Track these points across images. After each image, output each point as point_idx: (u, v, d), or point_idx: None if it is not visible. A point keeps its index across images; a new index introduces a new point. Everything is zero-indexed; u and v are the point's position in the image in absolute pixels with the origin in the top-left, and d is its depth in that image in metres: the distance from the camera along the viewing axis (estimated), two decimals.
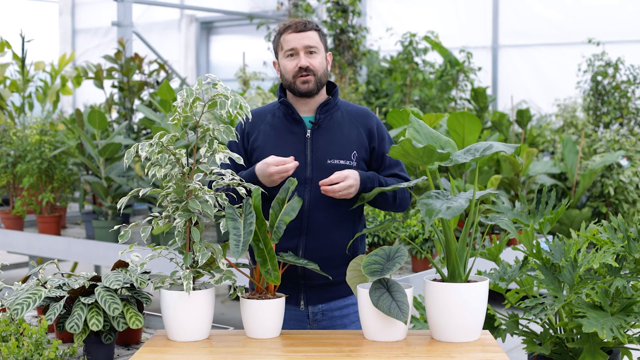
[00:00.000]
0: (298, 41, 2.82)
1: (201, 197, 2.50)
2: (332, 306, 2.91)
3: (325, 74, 2.88)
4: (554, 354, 2.91)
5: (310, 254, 2.82)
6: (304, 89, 2.84)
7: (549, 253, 2.84)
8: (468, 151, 2.57)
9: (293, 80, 2.84)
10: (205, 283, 2.59)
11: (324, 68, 2.87)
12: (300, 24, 2.84)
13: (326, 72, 2.88)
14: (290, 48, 2.83)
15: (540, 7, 9.78)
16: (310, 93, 2.85)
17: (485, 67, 9.78)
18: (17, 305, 2.40)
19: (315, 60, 2.84)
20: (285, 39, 2.85)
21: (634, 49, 8.68)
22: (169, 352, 2.42)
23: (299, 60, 2.82)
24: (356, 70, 8.18)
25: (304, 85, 2.83)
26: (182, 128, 2.57)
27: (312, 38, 2.84)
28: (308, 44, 2.83)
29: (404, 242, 4.62)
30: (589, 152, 6.81)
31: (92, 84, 7.01)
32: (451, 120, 5.00)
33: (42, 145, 5.87)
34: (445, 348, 2.43)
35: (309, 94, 2.85)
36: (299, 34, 2.83)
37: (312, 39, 2.84)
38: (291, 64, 2.84)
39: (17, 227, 6.11)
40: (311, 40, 2.83)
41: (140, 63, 6.81)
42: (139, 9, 12.49)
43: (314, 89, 2.84)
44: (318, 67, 2.84)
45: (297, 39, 2.83)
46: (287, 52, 2.84)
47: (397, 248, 2.56)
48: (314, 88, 2.84)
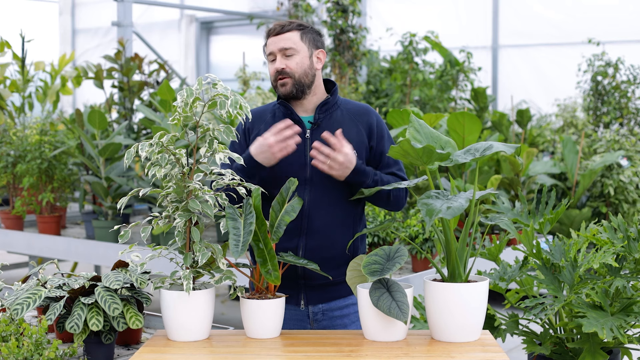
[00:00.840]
0: (275, 44, 2.83)
1: (201, 197, 2.50)
2: (333, 306, 2.91)
3: (308, 74, 2.83)
4: (554, 354, 2.91)
5: (310, 253, 2.82)
6: (282, 91, 2.83)
7: (549, 253, 2.84)
8: (468, 151, 2.57)
9: (275, 84, 2.86)
10: (205, 283, 2.59)
11: (304, 68, 2.82)
12: (277, 27, 2.83)
13: (310, 71, 2.84)
14: (269, 52, 2.85)
15: (540, 7, 9.78)
16: (289, 95, 2.83)
17: (485, 67, 9.78)
18: (17, 305, 2.40)
19: (291, 62, 2.81)
20: (267, 43, 2.87)
21: (634, 49, 8.68)
22: (169, 352, 2.42)
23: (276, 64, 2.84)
24: (356, 70, 8.18)
25: (282, 89, 2.83)
26: (182, 128, 2.57)
27: (289, 39, 2.81)
28: (283, 46, 2.81)
29: (404, 242, 4.62)
30: (589, 152, 6.81)
31: (92, 84, 7.01)
32: (451, 120, 5.00)
33: (42, 145, 5.87)
34: (445, 348, 2.43)
35: (288, 96, 2.84)
36: (276, 37, 2.83)
37: (290, 39, 2.82)
38: (271, 68, 2.86)
39: (17, 227, 6.11)
40: (287, 42, 2.81)
41: (140, 63, 6.81)
42: (139, 9, 12.49)
43: (292, 91, 2.82)
44: (295, 68, 2.81)
45: (274, 42, 2.83)
46: (269, 57, 2.87)
47: (397, 248, 2.56)
48: (292, 90, 2.82)
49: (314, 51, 2.86)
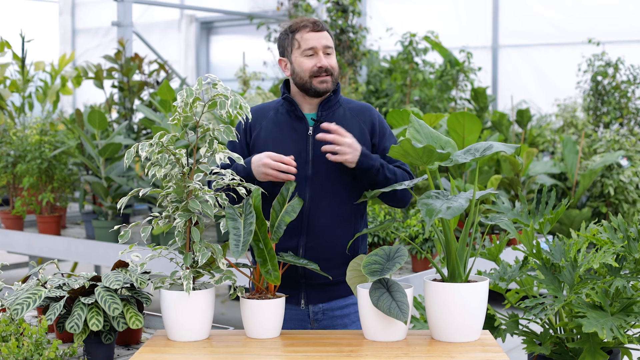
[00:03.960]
0: (317, 40, 2.82)
1: (201, 197, 2.50)
2: (333, 306, 2.91)
3: (339, 74, 2.89)
4: (554, 354, 2.91)
5: (311, 253, 2.81)
6: (322, 88, 2.83)
7: (549, 253, 2.84)
8: (468, 151, 2.57)
9: (309, 80, 2.82)
10: (205, 283, 2.59)
11: (337, 68, 2.88)
12: (318, 23, 2.84)
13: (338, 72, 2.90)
14: (309, 47, 2.82)
15: (540, 7, 9.78)
16: (325, 93, 2.85)
17: (485, 67, 9.78)
18: (17, 305, 2.40)
19: (332, 61, 2.85)
20: (303, 37, 2.82)
21: (634, 49, 8.68)
22: (169, 352, 2.42)
23: (318, 60, 2.81)
24: (356, 70, 8.18)
25: (322, 85, 2.82)
26: (182, 128, 2.57)
27: (328, 38, 2.86)
28: (326, 44, 2.84)
29: (404, 242, 4.62)
30: (589, 152, 6.81)
31: (92, 84, 7.01)
32: (451, 120, 5.00)
33: (42, 145, 5.87)
34: (445, 348, 2.43)
35: (325, 93, 2.85)
36: (318, 33, 2.83)
37: (329, 39, 2.86)
38: (310, 62, 2.82)
39: (17, 227, 6.11)
40: (328, 41, 2.85)
41: (140, 63, 6.81)
42: (139, 9, 12.48)
43: (331, 89, 2.86)
44: (335, 67, 2.85)
45: (316, 38, 2.82)
46: (306, 51, 2.82)
47: (397, 248, 2.56)
48: (331, 88, 2.86)
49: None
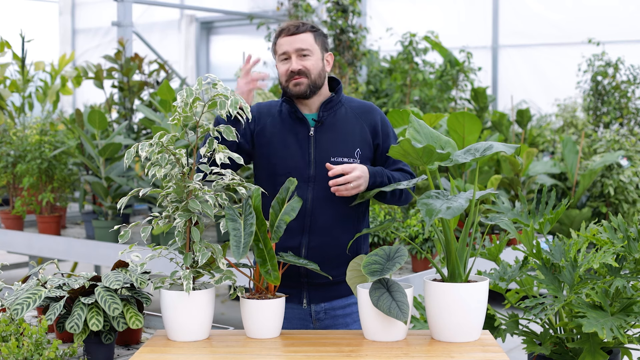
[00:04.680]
0: (290, 44, 2.83)
1: (201, 197, 2.50)
2: (335, 305, 2.91)
3: (321, 75, 2.87)
4: (554, 354, 2.91)
5: (313, 252, 2.82)
6: (296, 91, 2.84)
7: (549, 253, 2.84)
8: (468, 151, 2.57)
9: (286, 84, 2.86)
10: (205, 283, 2.59)
11: (319, 69, 2.85)
12: (292, 27, 2.84)
13: (322, 73, 2.87)
14: (282, 52, 2.85)
15: (540, 7, 9.78)
16: (302, 95, 2.84)
17: (485, 67, 9.78)
18: (17, 305, 2.40)
19: (308, 62, 2.83)
20: (279, 42, 2.86)
21: (634, 49, 8.68)
22: (169, 352, 2.42)
23: (290, 64, 2.83)
24: (356, 70, 8.18)
25: (295, 88, 2.83)
26: (182, 128, 2.57)
27: (305, 40, 2.83)
28: (300, 47, 2.83)
29: (404, 242, 4.62)
30: (589, 152, 6.81)
31: (92, 84, 7.01)
32: (451, 120, 5.00)
33: (42, 145, 5.87)
34: (445, 348, 2.43)
35: (301, 96, 2.85)
36: (291, 37, 2.83)
37: (305, 41, 2.83)
38: (284, 67, 2.85)
39: (17, 227, 6.11)
40: (303, 43, 2.83)
41: (140, 63, 6.81)
42: (139, 9, 12.48)
43: (306, 91, 2.84)
44: (311, 69, 2.83)
45: (289, 42, 2.83)
46: (281, 56, 2.86)
47: (397, 248, 2.56)
48: (306, 90, 2.83)
49: (324, 54, 2.90)
